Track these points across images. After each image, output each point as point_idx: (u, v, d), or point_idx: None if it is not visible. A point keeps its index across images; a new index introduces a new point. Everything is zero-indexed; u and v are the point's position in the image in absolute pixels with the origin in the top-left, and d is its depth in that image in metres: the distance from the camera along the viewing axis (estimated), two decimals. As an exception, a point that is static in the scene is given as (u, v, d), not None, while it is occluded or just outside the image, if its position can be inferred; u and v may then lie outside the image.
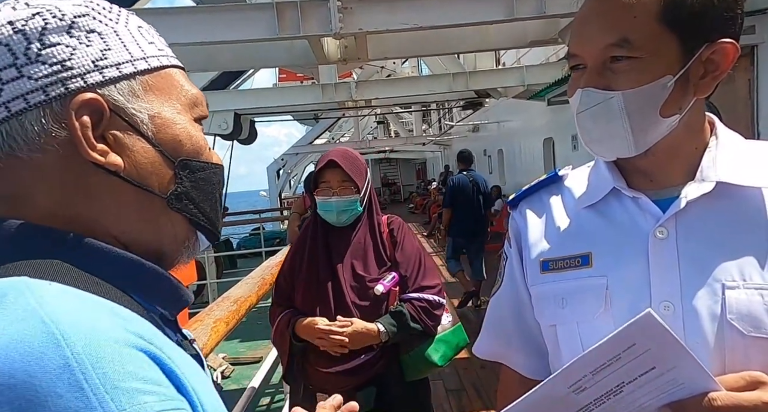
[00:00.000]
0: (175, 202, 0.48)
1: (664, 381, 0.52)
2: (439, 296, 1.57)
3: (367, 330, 1.45)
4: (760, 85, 3.46)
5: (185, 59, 2.30)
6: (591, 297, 0.65)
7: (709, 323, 0.59)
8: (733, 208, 0.62)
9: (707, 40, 0.60)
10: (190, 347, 0.50)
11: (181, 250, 0.50)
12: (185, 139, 0.48)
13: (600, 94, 0.61)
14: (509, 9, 3.42)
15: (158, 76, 0.48)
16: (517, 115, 9.96)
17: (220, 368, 4.48)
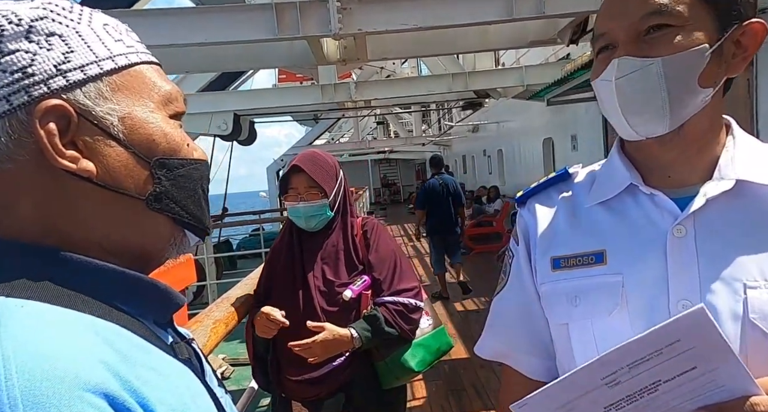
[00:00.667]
0: (155, 203, 0.47)
1: (704, 382, 0.50)
2: (416, 299, 1.52)
3: (340, 336, 1.40)
4: (759, 85, 3.46)
5: (184, 60, 2.29)
6: (606, 295, 0.64)
7: (731, 323, 0.58)
8: (753, 207, 0.61)
9: (738, 19, 0.61)
10: (187, 348, 0.49)
11: (168, 248, 0.50)
12: (159, 138, 0.47)
13: (638, 61, 0.60)
14: (508, 9, 3.42)
15: (127, 74, 0.46)
16: (517, 115, 9.96)
17: (219, 369, 4.48)
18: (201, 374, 0.50)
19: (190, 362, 0.48)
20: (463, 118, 14.33)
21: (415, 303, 1.51)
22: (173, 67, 4.97)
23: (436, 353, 1.57)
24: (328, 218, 1.50)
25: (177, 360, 0.45)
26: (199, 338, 1.21)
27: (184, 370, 0.45)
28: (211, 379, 0.53)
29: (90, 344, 0.36)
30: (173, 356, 0.45)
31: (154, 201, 0.47)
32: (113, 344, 0.38)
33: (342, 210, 1.55)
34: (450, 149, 20.17)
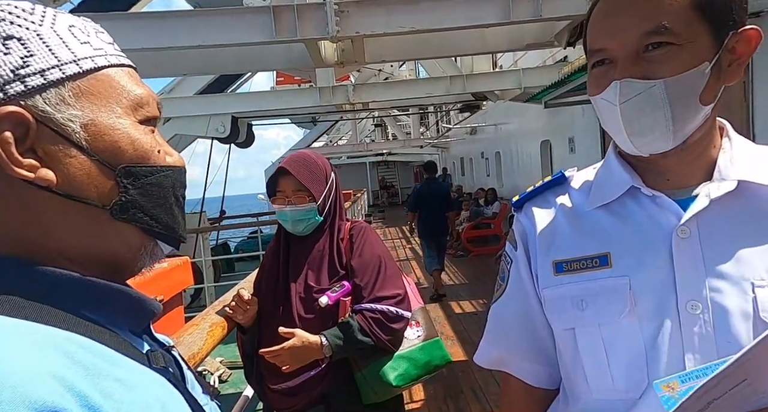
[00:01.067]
0: (120, 213, 0.45)
1: (750, 391, 0.50)
2: (398, 308, 1.40)
3: (309, 343, 1.32)
4: (755, 87, 3.48)
5: (182, 63, 2.29)
6: (614, 299, 0.63)
7: (742, 322, 0.58)
8: (754, 206, 0.61)
9: (734, 28, 0.60)
10: (164, 356, 0.48)
11: (139, 258, 0.48)
12: (126, 145, 0.45)
13: (641, 84, 0.59)
14: (506, 12, 3.43)
15: (93, 79, 0.44)
16: (514, 117, 9.98)
17: (217, 372, 4.46)
18: (182, 381, 0.48)
19: (167, 370, 0.46)
20: (460, 121, 14.35)
21: (397, 312, 1.39)
22: (171, 70, 4.97)
23: (424, 367, 1.45)
24: (316, 222, 1.44)
25: (151, 369, 0.44)
26: (195, 341, 1.21)
27: (156, 380, 0.44)
28: (194, 386, 0.51)
29: (43, 357, 0.34)
30: (147, 365, 0.44)
31: (120, 211, 0.45)
32: (74, 357, 0.36)
33: (333, 214, 1.48)
34: (448, 152, 20.20)
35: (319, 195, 1.42)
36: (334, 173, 1.50)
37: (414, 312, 1.49)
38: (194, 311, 2.73)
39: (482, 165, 13.48)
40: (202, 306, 5.55)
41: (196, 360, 1.15)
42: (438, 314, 5.28)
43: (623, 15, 0.60)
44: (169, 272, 2.59)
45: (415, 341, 1.46)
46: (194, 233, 7.28)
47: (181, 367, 0.51)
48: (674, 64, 0.58)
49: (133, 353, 0.43)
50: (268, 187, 1.48)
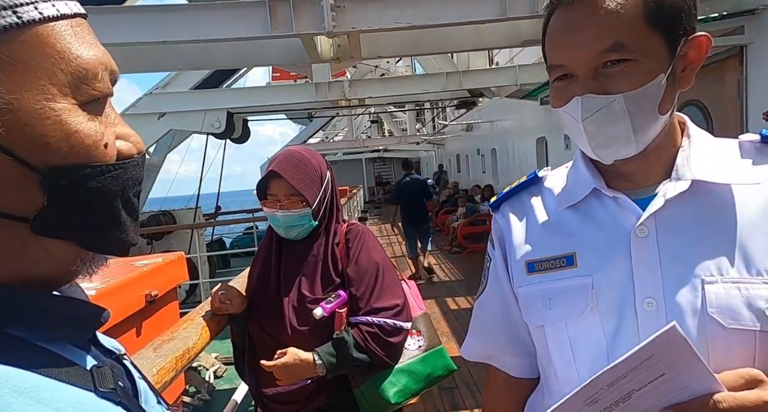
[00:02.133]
0: (44, 228, 0.35)
1: (671, 385, 0.52)
2: (397, 319, 1.32)
3: (301, 361, 1.25)
4: (749, 85, 3.49)
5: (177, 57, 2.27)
6: (577, 297, 0.66)
7: (691, 318, 0.60)
8: (707, 205, 0.64)
9: (685, 35, 0.62)
10: (113, 370, 0.40)
11: (74, 271, 0.39)
12: (58, 140, 0.33)
13: (602, 99, 0.62)
14: (502, 8, 3.42)
15: (16, 42, 0.31)
16: (510, 114, 9.98)
17: (212, 368, 4.47)
18: (134, 397, 0.42)
19: (114, 392, 0.38)
20: (456, 117, 14.34)
21: (395, 324, 1.31)
22: (166, 65, 4.94)
23: (426, 379, 1.38)
24: (311, 227, 1.36)
25: (94, 394, 0.36)
26: (189, 337, 1.21)
27: (97, 408, 0.36)
28: (147, 399, 0.44)
29: None
30: (92, 389, 0.36)
31: (43, 226, 0.34)
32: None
33: (328, 216, 1.40)
34: (444, 148, 20.19)
35: (313, 199, 1.33)
36: (330, 171, 1.42)
37: (415, 320, 1.42)
38: (189, 307, 2.73)
39: (478, 162, 13.49)
40: (197, 302, 5.54)
41: (191, 355, 1.15)
42: (434, 311, 5.30)
43: (580, 33, 0.61)
44: (164, 267, 2.58)
45: (416, 352, 1.39)
46: (189, 228, 7.26)
47: (134, 378, 0.44)
48: (632, 78, 0.61)
49: (73, 375, 0.35)
50: (259, 189, 1.38)
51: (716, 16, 3.36)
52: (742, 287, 0.59)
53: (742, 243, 0.61)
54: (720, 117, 3.80)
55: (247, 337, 1.43)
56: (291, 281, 1.36)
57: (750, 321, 0.58)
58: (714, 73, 3.79)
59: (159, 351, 1.07)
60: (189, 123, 7.26)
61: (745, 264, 0.60)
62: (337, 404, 1.35)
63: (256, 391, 1.42)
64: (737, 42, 3.45)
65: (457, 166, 17.39)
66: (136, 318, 2.23)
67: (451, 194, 12.58)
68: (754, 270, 0.59)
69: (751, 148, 0.67)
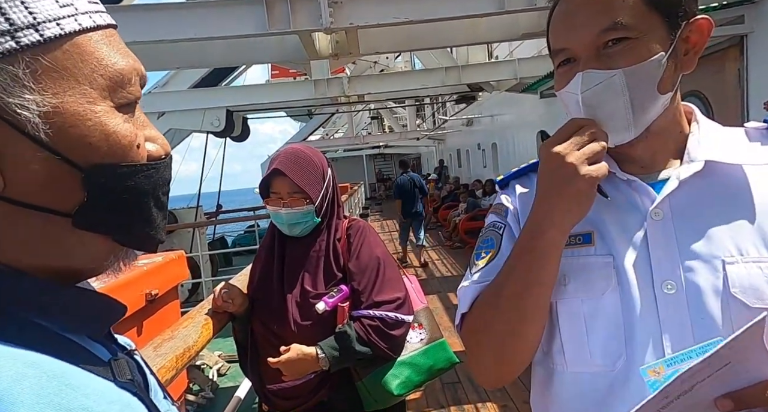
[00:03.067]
0: (84, 223, 0.37)
1: (732, 372, 0.51)
2: (399, 312, 1.33)
3: (305, 355, 1.26)
4: (750, 74, 3.47)
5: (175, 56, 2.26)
6: (598, 276, 0.66)
7: (714, 299, 0.60)
8: (721, 186, 0.64)
9: (686, 18, 0.63)
10: (128, 363, 0.42)
11: (105, 265, 0.41)
12: (99, 140, 0.36)
13: (602, 74, 0.63)
14: (500, 2, 3.40)
15: (60, 50, 0.34)
16: (510, 108, 9.95)
17: (216, 366, 4.48)
18: (145, 389, 0.43)
19: (132, 382, 0.40)
20: (457, 112, 14.31)
21: (397, 317, 1.32)
22: (163, 64, 4.93)
23: (428, 372, 1.39)
24: (314, 224, 1.38)
25: (114, 384, 0.38)
26: (190, 334, 1.21)
27: (119, 397, 0.38)
28: (156, 393, 0.46)
29: None
30: (111, 379, 0.38)
31: (84, 220, 0.37)
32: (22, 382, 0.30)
33: (329, 212, 1.41)
34: (444, 143, 20.15)
35: (316, 197, 1.35)
36: (331, 169, 1.44)
37: (416, 314, 1.43)
38: (192, 306, 2.73)
39: (479, 156, 13.46)
40: (200, 301, 5.54)
41: (191, 354, 1.15)
42: (435, 306, 5.31)
43: (580, 14, 0.64)
44: (164, 266, 2.58)
45: (418, 345, 1.40)
46: (191, 227, 7.27)
47: (145, 373, 0.45)
48: (632, 55, 0.62)
49: (95, 366, 0.37)
50: (261, 188, 1.40)
51: (716, 5, 3.34)
52: (764, 266, 0.59)
53: (759, 223, 0.61)
54: (720, 107, 3.78)
55: (250, 334, 1.44)
56: (294, 277, 1.38)
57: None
58: (714, 62, 3.76)
59: (159, 350, 1.07)
60: (188, 122, 7.26)
61: (765, 243, 0.60)
62: (340, 397, 1.36)
63: (260, 387, 1.43)
64: (737, 31, 3.43)
65: (457, 161, 17.37)
66: (136, 317, 2.23)
67: (452, 189, 12.56)
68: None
69: (757, 134, 0.68)
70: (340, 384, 1.35)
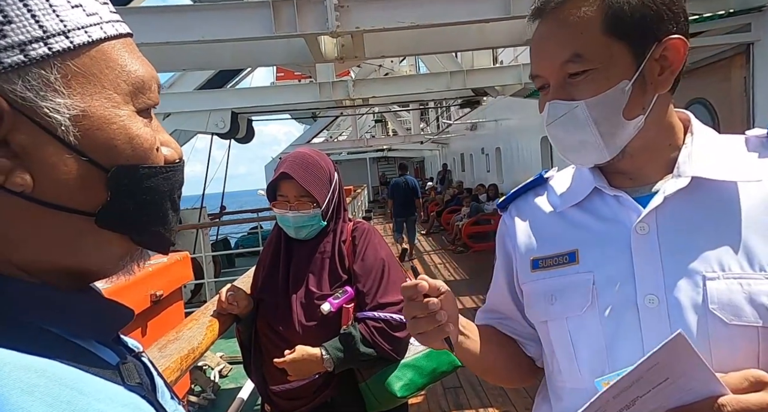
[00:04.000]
0: (107, 222, 0.38)
1: (674, 388, 0.52)
2: (403, 314, 1.37)
3: (309, 356, 1.27)
4: (756, 82, 3.46)
5: (181, 58, 2.28)
6: (578, 293, 0.67)
7: (693, 314, 0.60)
8: (709, 201, 0.64)
9: (655, 40, 0.63)
10: (136, 366, 0.42)
11: (120, 265, 0.42)
12: (123, 143, 0.37)
13: (565, 105, 0.65)
14: (506, 7, 3.41)
15: (87, 56, 0.36)
16: (515, 113, 9.95)
17: (218, 367, 4.48)
18: (153, 391, 0.44)
19: (140, 386, 0.41)
20: (461, 116, 14.31)
21: (401, 319, 1.31)
22: (170, 65, 4.95)
23: (431, 375, 1.40)
24: (320, 227, 1.39)
25: (123, 387, 0.39)
26: (195, 336, 1.21)
27: (130, 401, 0.38)
28: (163, 394, 0.46)
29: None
30: (120, 383, 0.39)
31: (107, 220, 0.38)
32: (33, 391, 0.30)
33: (335, 215, 1.43)
34: (448, 147, 20.14)
35: (323, 200, 1.36)
36: (337, 173, 1.45)
37: None
38: (195, 307, 2.74)
39: (482, 161, 13.45)
40: (202, 301, 5.55)
41: (196, 355, 1.16)
42: (438, 310, 5.29)
43: (547, 46, 0.66)
44: (169, 267, 2.59)
45: (421, 347, 1.40)
46: (194, 228, 7.28)
47: (152, 375, 0.46)
48: (593, 86, 0.63)
49: (103, 370, 0.38)
50: (269, 191, 1.42)
51: (723, 13, 3.33)
52: (744, 282, 0.59)
53: (744, 239, 0.61)
54: (726, 115, 3.77)
55: (254, 335, 1.44)
56: (299, 278, 1.39)
57: (752, 317, 0.58)
58: (720, 70, 3.76)
59: (164, 351, 1.08)
60: (194, 123, 7.28)
61: (748, 260, 0.60)
62: (344, 399, 1.37)
63: (263, 388, 1.44)
64: (744, 39, 3.42)
65: (461, 165, 17.35)
66: (141, 318, 2.24)
67: (456, 194, 12.55)
68: (756, 266, 0.59)
69: (757, 143, 0.67)
70: (344, 385, 1.36)
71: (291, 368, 1.29)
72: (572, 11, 0.63)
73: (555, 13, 0.64)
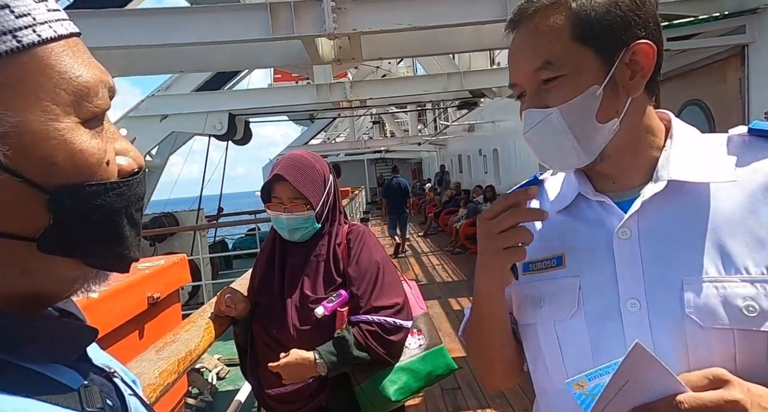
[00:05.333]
0: (50, 247, 0.34)
1: (634, 388, 0.53)
2: (397, 318, 1.33)
3: (302, 359, 1.27)
4: (750, 84, 3.48)
5: (178, 60, 2.28)
6: (565, 297, 0.68)
7: (671, 318, 0.61)
8: (686, 204, 0.64)
9: (624, 46, 0.64)
10: (101, 388, 0.40)
11: (74, 289, 0.39)
12: (64, 160, 0.33)
13: (540, 113, 0.66)
14: (503, 9, 3.42)
15: (18, 65, 0.32)
16: (512, 114, 9.96)
17: (215, 369, 4.47)
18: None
19: (102, 410, 0.38)
20: (458, 118, 14.33)
21: (395, 322, 1.32)
22: (167, 67, 4.95)
23: (426, 378, 1.39)
24: (314, 229, 1.39)
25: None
26: (192, 339, 1.21)
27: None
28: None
29: None
30: (78, 408, 0.36)
31: (50, 244, 0.34)
32: None
33: (330, 218, 1.42)
34: (446, 149, 20.17)
35: (317, 203, 1.36)
36: (333, 175, 1.45)
37: (415, 319, 1.44)
38: (192, 309, 2.74)
39: (480, 162, 13.47)
40: (199, 303, 5.54)
41: (193, 357, 1.16)
42: (436, 311, 5.30)
43: (519, 55, 0.68)
44: (166, 269, 2.59)
45: (417, 351, 1.40)
46: (192, 230, 7.27)
47: (123, 396, 0.43)
48: (564, 92, 0.64)
49: (59, 396, 0.35)
50: (263, 192, 1.42)
51: (718, 15, 3.35)
52: (720, 285, 0.59)
53: (720, 241, 0.61)
54: (722, 116, 3.79)
55: (250, 338, 1.44)
56: (294, 281, 1.38)
57: (727, 320, 0.58)
58: (715, 72, 3.78)
59: (161, 353, 1.08)
60: (191, 125, 7.28)
61: (723, 262, 0.60)
62: (338, 402, 1.37)
63: (259, 391, 1.44)
64: (739, 41, 3.45)
65: (459, 166, 17.37)
66: (138, 320, 2.23)
67: (454, 195, 12.57)
68: (732, 268, 0.59)
69: (739, 141, 0.67)
70: (339, 389, 1.35)
71: (285, 372, 1.29)
72: (542, 21, 0.65)
73: (527, 24, 0.66)
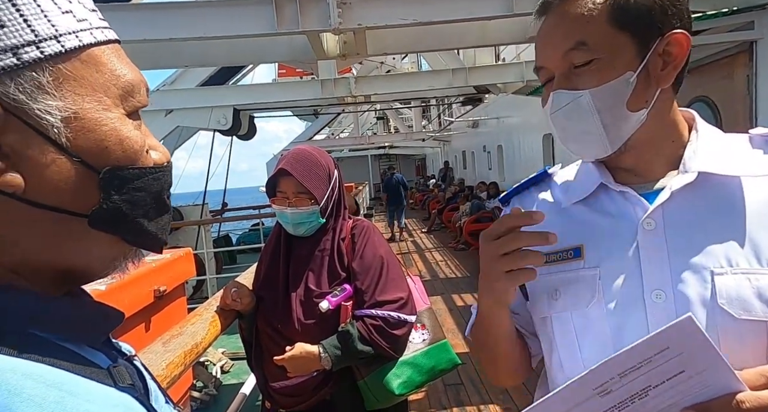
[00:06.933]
0: (100, 223, 0.38)
1: (691, 383, 0.51)
2: (401, 312, 1.35)
3: (307, 353, 1.29)
4: (759, 81, 3.45)
5: (184, 54, 2.29)
6: (584, 288, 0.68)
7: (701, 309, 0.61)
8: (715, 197, 0.64)
9: (659, 34, 0.63)
10: (128, 369, 0.43)
11: (114, 265, 0.42)
12: (114, 144, 0.38)
13: (569, 94, 0.65)
14: (508, 4, 3.40)
15: (78, 60, 0.37)
16: (517, 110, 9.93)
17: (219, 363, 4.51)
18: (145, 395, 0.44)
19: (133, 387, 0.41)
20: (462, 114, 14.29)
21: (399, 317, 1.34)
22: (172, 62, 4.95)
23: (430, 372, 1.41)
24: (318, 224, 1.39)
25: (115, 388, 0.39)
26: (198, 332, 1.22)
27: (121, 401, 0.38)
28: (157, 398, 0.46)
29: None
30: (112, 385, 0.39)
31: (100, 220, 0.38)
32: (21, 392, 0.31)
33: (335, 213, 1.43)
34: (450, 145, 20.12)
35: (321, 197, 1.36)
36: (337, 170, 1.45)
37: (420, 314, 1.45)
38: (196, 303, 2.75)
39: (484, 158, 13.44)
40: (203, 298, 5.58)
41: (199, 350, 1.17)
42: (439, 307, 5.31)
43: (551, 35, 0.67)
44: (172, 263, 2.60)
45: (420, 345, 1.41)
46: (196, 225, 7.30)
47: (144, 378, 0.46)
48: (599, 75, 0.63)
49: (94, 373, 0.38)
50: (268, 187, 1.43)
51: (726, 11, 3.32)
52: (752, 277, 0.59)
53: (751, 234, 0.61)
54: (729, 113, 3.76)
55: (255, 332, 1.45)
56: (298, 275, 1.39)
57: (761, 312, 0.58)
58: (723, 68, 3.75)
59: (168, 346, 1.09)
60: (196, 120, 7.28)
61: (755, 255, 0.60)
62: (342, 396, 1.38)
63: (264, 384, 1.45)
64: (747, 37, 3.41)
65: (463, 162, 17.33)
66: (145, 313, 2.25)
67: (457, 191, 12.56)
68: (764, 261, 0.59)
69: (761, 141, 0.67)
70: (343, 383, 1.37)
71: (290, 365, 1.30)
72: (578, 3, 0.64)
73: (561, 7, 0.65)
